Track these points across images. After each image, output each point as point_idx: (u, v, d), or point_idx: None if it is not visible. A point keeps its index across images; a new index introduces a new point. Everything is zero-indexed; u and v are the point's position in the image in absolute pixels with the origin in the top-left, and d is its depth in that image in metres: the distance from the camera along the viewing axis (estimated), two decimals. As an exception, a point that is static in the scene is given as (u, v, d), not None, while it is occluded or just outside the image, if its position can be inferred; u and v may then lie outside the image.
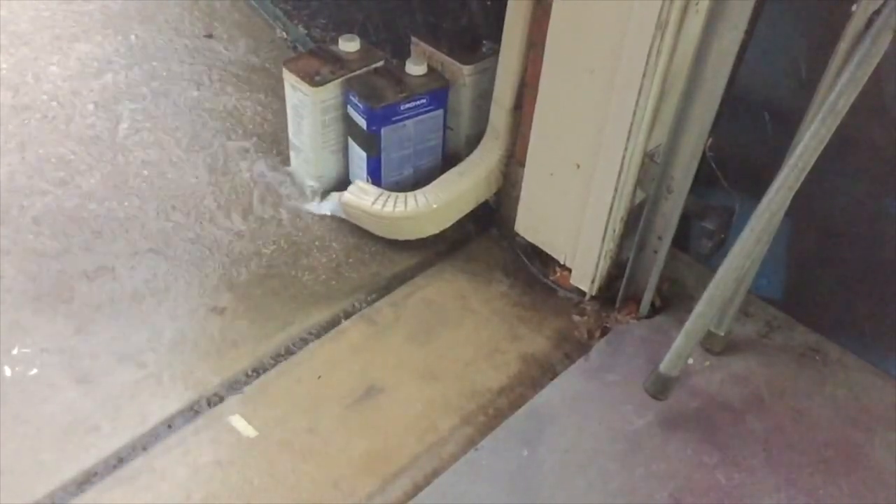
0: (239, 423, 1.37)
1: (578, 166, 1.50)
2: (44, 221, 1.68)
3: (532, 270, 1.71)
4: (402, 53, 1.82)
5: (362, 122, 1.66)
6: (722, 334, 1.50)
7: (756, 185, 1.23)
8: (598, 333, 1.58)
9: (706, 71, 1.28)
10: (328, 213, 1.76)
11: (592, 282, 1.59)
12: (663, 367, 1.37)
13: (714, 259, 1.39)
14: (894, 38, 1.04)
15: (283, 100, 1.76)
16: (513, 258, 1.73)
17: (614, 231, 1.53)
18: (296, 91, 1.70)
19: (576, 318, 1.62)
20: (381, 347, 1.53)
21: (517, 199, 1.67)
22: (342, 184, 1.77)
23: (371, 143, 1.68)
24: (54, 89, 2.01)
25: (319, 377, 1.46)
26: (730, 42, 1.23)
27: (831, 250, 1.55)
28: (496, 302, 1.64)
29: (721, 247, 1.43)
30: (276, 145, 1.92)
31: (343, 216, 1.74)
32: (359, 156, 1.73)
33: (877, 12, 1.05)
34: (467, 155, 1.73)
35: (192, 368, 1.45)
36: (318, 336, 1.53)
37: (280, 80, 1.73)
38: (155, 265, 1.62)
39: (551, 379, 1.48)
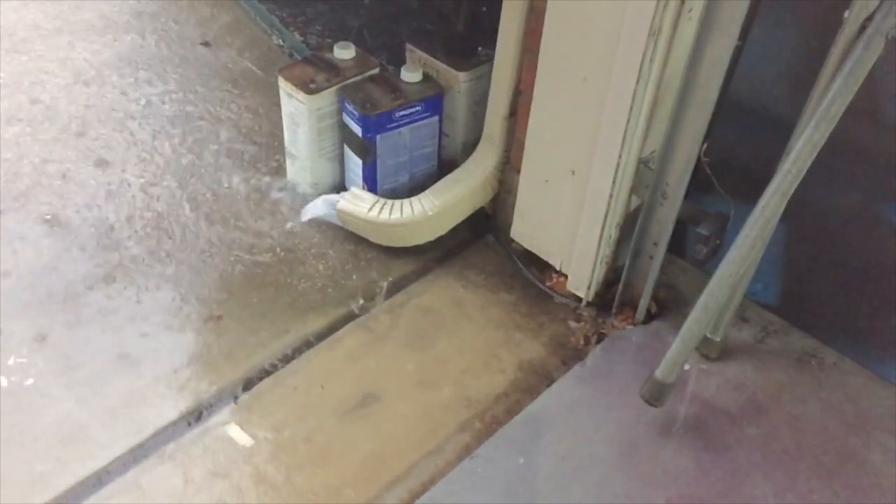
0: (234, 432, 1.37)
1: (573, 173, 1.50)
2: (39, 229, 1.69)
3: (528, 276, 1.70)
4: (398, 60, 1.82)
5: (357, 130, 1.66)
6: (718, 340, 1.50)
7: (751, 191, 1.24)
8: (594, 339, 1.58)
9: (700, 77, 1.28)
10: (321, 218, 1.74)
11: (588, 288, 1.59)
12: (659, 373, 1.37)
13: (710, 264, 1.39)
14: (886, 44, 1.05)
15: (278, 108, 1.76)
16: (509, 264, 1.73)
17: (610, 237, 1.53)
18: (291, 99, 1.70)
19: (572, 324, 1.62)
20: (377, 355, 1.53)
21: (513, 205, 1.67)
22: (338, 191, 1.76)
23: (366, 150, 1.68)
24: (50, 97, 2.02)
25: (319, 387, 1.45)
26: (723, 49, 1.23)
27: (827, 255, 1.55)
28: (492, 308, 1.64)
29: (716, 252, 1.42)
30: (271, 153, 1.92)
31: (336, 222, 1.73)
32: (354, 163, 1.73)
33: (869, 18, 1.05)
34: (463, 161, 1.73)
35: (188, 377, 1.45)
36: (314, 344, 1.53)
37: (276, 88, 1.74)
38: (151, 274, 1.62)
39: (548, 385, 1.48)
